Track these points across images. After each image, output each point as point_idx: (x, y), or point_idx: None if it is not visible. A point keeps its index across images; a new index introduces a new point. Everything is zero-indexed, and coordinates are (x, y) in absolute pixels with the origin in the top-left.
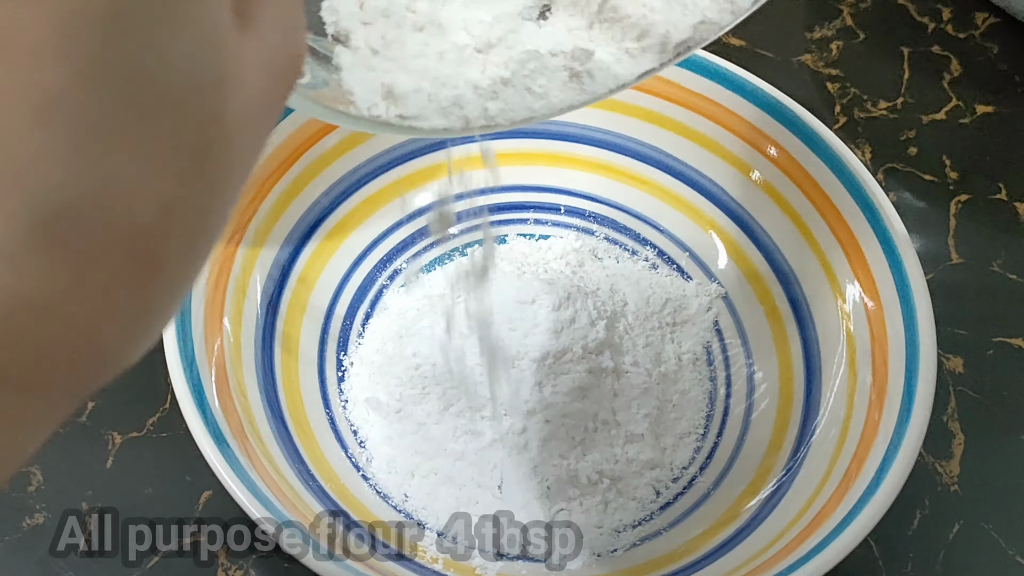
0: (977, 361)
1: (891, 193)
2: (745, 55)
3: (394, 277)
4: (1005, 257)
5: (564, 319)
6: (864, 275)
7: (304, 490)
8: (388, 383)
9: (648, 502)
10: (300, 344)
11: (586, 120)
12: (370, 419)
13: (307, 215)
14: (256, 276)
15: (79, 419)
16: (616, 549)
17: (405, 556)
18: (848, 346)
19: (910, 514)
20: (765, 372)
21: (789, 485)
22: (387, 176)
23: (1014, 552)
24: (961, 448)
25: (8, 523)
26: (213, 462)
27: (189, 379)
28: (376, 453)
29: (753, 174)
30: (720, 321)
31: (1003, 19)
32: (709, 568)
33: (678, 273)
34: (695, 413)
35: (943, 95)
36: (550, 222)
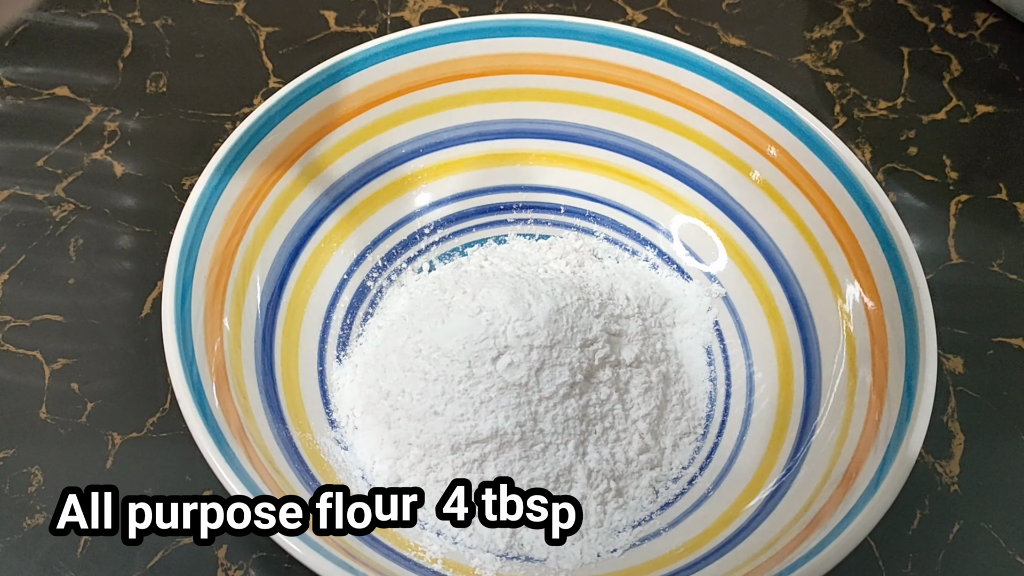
0: (977, 361)
1: (891, 193)
2: (745, 55)
3: (394, 277)
4: (1005, 257)
5: (564, 319)
6: (864, 275)
7: (304, 490)
8: (388, 381)
9: (648, 502)
10: (300, 344)
11: (586, 120)
12: (370, 419)
13: (307, 215)
14: (256, 276)
15: (79, 419)
16: (616, 549)
17: (405, 556)
18: (848, 346)
19: (910, 514)
20: (765, 372)
21: (789, 485)
22: (387, 176)
23: (1014, 552)
24: (961, 448)
25: (8, 523)
26: (213, 462)
27: (189, 379)
28: (376, 451)
29: (753, 174)
30: (720, 321)
31: (1003, 19)
32: (709, 568)
33: (678, 273)
34: (695, 413)
35: (943, 95)
36: (550, 222)
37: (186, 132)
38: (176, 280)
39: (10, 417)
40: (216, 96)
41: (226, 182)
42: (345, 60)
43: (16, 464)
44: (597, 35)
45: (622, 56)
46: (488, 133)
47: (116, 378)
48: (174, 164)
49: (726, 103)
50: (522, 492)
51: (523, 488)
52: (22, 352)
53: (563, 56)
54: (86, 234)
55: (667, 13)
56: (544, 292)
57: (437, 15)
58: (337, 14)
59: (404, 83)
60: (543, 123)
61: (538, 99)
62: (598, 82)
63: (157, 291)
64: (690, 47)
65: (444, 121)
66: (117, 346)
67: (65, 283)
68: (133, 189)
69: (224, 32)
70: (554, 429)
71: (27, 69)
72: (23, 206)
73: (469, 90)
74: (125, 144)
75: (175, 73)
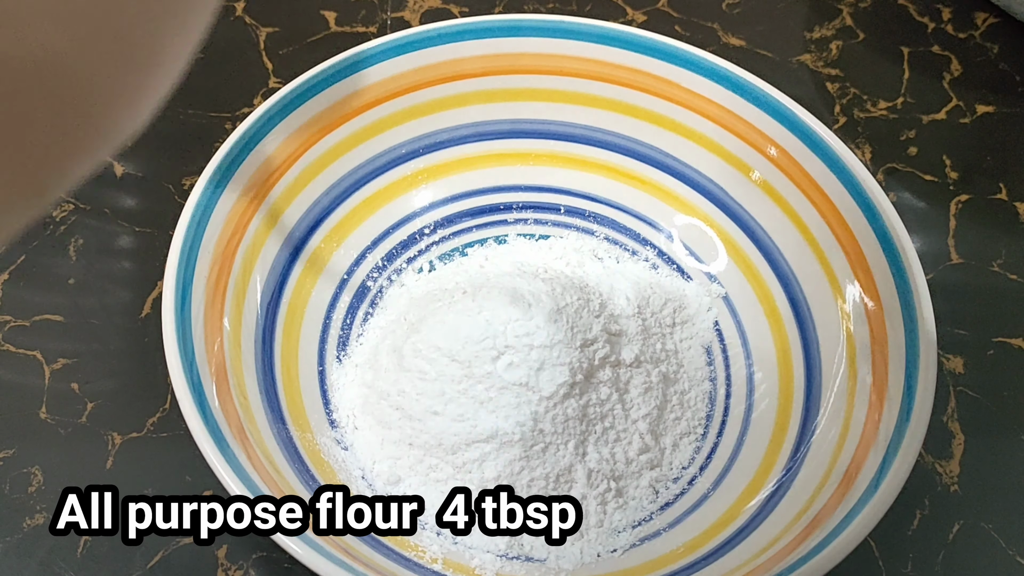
0: (977, 361)
1: (891, 193)
2: (745, 55)
3: (394, 277)
4: (1005, 257)
5: (564, 319)
6: (864, 275)
7: (304, 490)
8: (387, 382)
9: (648, 502)
10: (300, 344)
11: (586, 120)
12: (370, 419)
13: (307, 215)
14: (256, 276)
15: (79, 419)
16: (616, 549)
17: (405, 556)
18: (848, 346)
19: (910, 514)
20: (765, 372)
21: (789, 485)
22: (387, 176)
23: (1014, 552)
24: (961, 448)
25: (8, 523)
26: (213, 462)
27: (189, 379)
28: (376, 452)
29: (753, 174)
30: (720, 321)
31: (1003, 19)
32: (709, 568)
33: (678, 273)
34: (695, 413)
35: (943, 95)
36: (550, 222)
37: (186, 132)
38: (176, 280)
39: (10, 417)
40: (216, 96)
41: (226, 182)
42: (345, 60)
43: (16, 464)
44: (597, 35)
45: (622, 56)
46: (488, 133)
47: (116, 378)
48: (174, 164)
49: (726, 103)
50: (522, 500)
51: (524, 487)
52: (22, 352)
53: (563, 56)
54: (86, 234)
55: (667, 13)
56: (544, 292)
57: (437, 15)
58: (337, 14)
59: (404, 83)
60: (543, 123)
61: (538, 99)
62: (598, 82)
63: (157, 291)
64: (690, 47)
65: (444, 121)
66: (117, 346)
67: (65, 283)
68: (133, 189)
69: (224, 32)
70: (554, 429)
71: None
72: None
73: (469, 90)
74: (125, 144)
75: None
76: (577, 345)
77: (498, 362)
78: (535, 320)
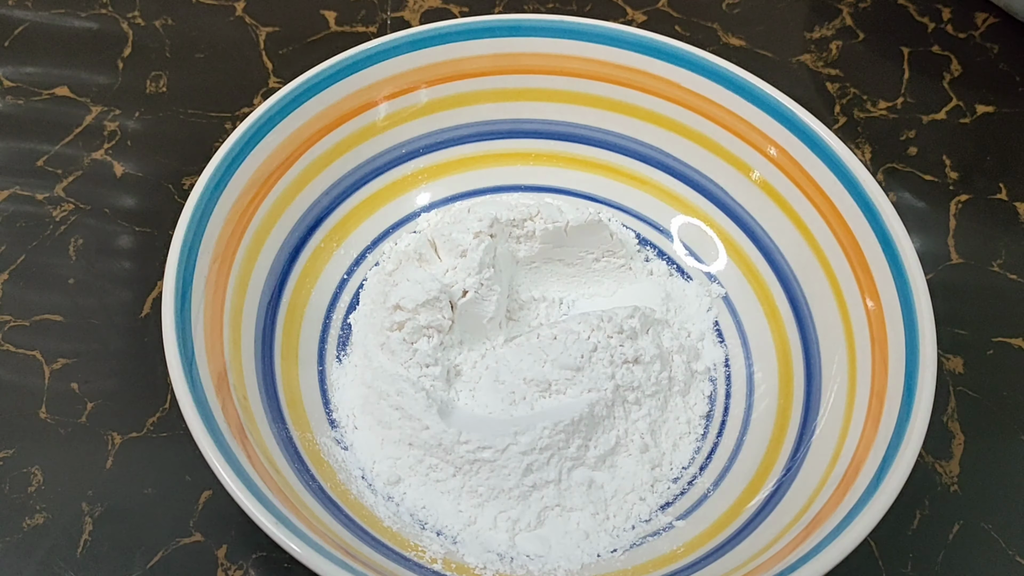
0: (977, 361)
1: (891, 193)
2: (745, 55)
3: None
4: (1005, 257)
5: (563, 319)
6: (864, 275)
7: (304, 490)
8: (386, 382)
9: (648, 502)
10: (300, 344)
11: (586, 120)
12: (369, 419)
13: (307, 215)
14: (256, 276)
15: (79, 419)
16: (616, 549)
17: (405, 556)
18: (848, 346)
19: (910, 514)
20: (765, 372)
21: (789, 485)
22: (387, 176)
23: (1014, 552)
24: (961, 448)
25: (8, 523)
26: (213, 462)
27: (189, 379)
28: (376, 452)
29: (753, 174)
30: (720, 321)
31: (1003, 19)
32: (709, 568)
33: (678, 273)
34: (695, 413)
35: (943, 95)
36: None
37: (186, 132)
38: (176, 280)
39: (10, 417)
40: (216, 96)
41: (226, 182)
42: (345, 60)
43: (16, 464)
44: (597, 35)
45: (622, 56)
46: (488, 133)
47: (116, 378)
48: (174, 164)
49: (726, 103)
50: None
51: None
52: (22, 352)
53: (563, 56)
54: (86, 234)
55: (667, 13)
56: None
57: (437, 15)
58: (337, 14)
59: (404, 83)
60: (543, 123)
61: (538, 99)
62: (598, 82)
63: (157, 291)
64: (690, 47)
65: (444, 121)
66: (117, 346)
67: (65, 283)
68: (133, 189)
69: (224, 32)
70: (555, 430)
71: (27, 69)
72: (23, 206)
73: (469, 90)
74: (125, 144)
75: (175, 73)
76: (577, 346)
77: (498, 362)
78: (535, 321)
